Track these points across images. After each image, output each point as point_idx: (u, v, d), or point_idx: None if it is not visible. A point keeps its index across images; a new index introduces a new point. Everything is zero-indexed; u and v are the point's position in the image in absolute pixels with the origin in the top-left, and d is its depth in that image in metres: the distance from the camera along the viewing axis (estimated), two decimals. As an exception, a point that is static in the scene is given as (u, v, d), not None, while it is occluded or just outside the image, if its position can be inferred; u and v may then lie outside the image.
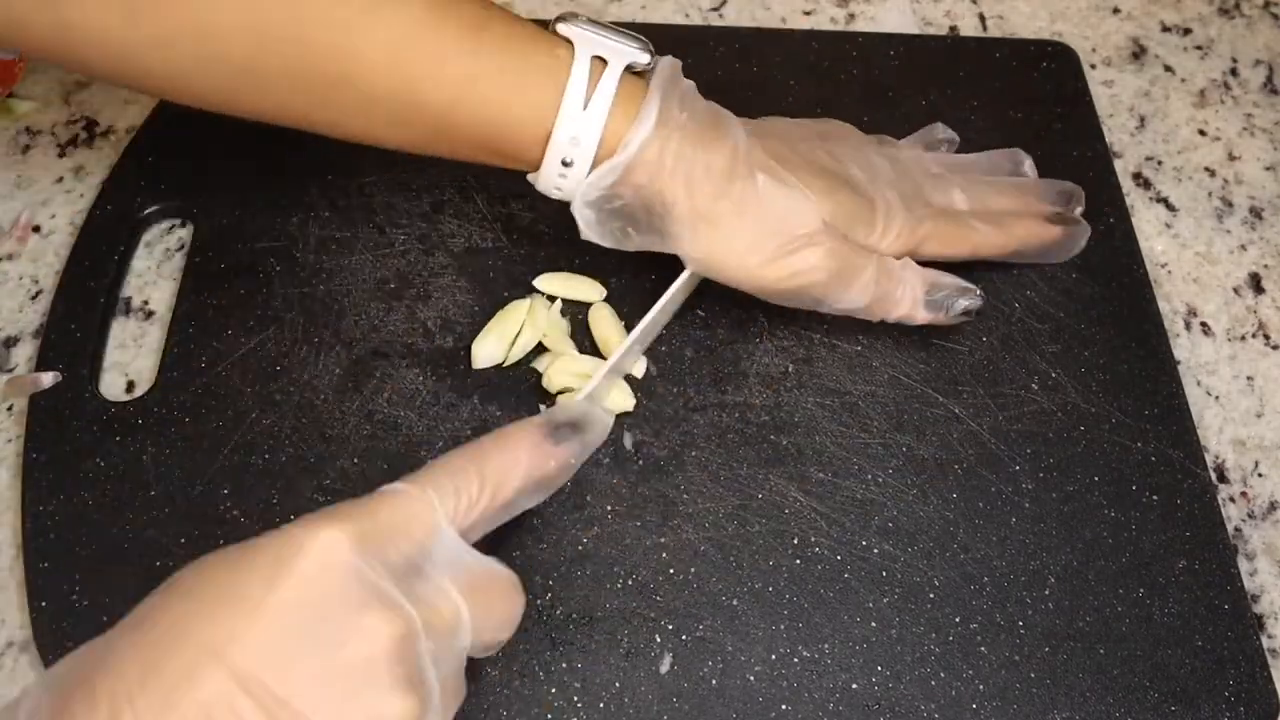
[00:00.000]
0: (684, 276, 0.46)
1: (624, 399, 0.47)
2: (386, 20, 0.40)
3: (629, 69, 0.43)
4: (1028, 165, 0.54)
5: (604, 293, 0.50)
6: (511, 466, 0.37)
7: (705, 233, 0.43)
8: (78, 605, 0.41)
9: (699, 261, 0.45)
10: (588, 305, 0.50)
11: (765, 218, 0.44)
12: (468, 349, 0.48)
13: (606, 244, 0.45)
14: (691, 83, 0.45)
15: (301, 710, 0.28)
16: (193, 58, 0.40)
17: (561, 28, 0.43)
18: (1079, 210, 0.52)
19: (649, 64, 0.43)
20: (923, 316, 0.47)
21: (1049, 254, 0.52)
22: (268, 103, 0.42)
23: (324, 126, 0.43)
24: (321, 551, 0.30)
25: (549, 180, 0.43)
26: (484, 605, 0.34)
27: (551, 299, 0.49)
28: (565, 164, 0.43)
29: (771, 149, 0.45)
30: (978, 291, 0.47)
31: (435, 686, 0.31)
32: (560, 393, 0.47)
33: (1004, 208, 0.51)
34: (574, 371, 0.47)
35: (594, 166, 0.42)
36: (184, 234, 0.52)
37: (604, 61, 0.43)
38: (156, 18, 0.38)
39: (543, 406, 0.47)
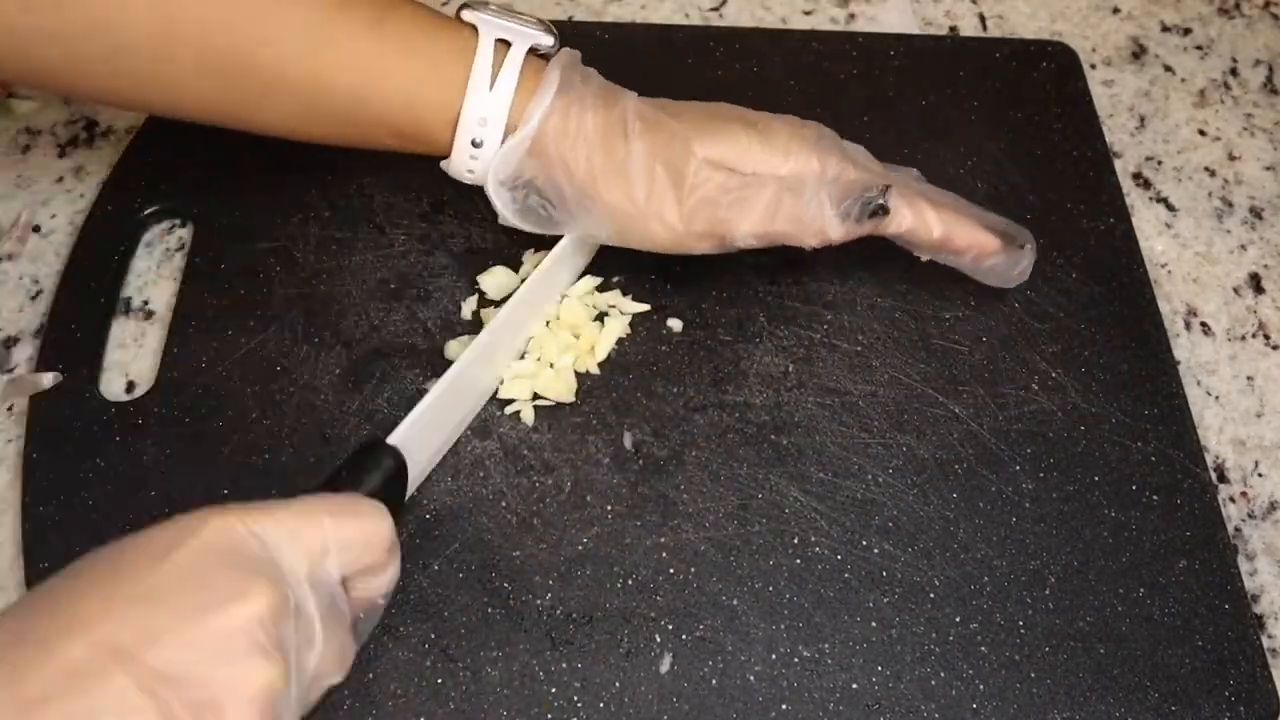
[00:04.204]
0: (561, 246, 0.47)
1: (566, 391, 0.47)
2: (295, 5, 0.41)
3: (533, 51, 0.44)
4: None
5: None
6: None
7: (603, 191, 0.44)
8: (78, 605, 0.41)
9: (612, 232, 0.45)
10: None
11: (647, 165, 0.43)
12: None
13: (528, 227, 0.46)
14: (594, 70, 0.45)
15: (170, 675, 0.28)
16: (99, 50, 0.39)
17: (466, 14, 0.44)
18: (1027, 248, 0.48)
19: (552, 46, 0.44)
20: (838, 232, 0.45)
21: (983, 266, 0.48)
22: (176, 95, 0.42)
23: (234, 118, 0.44)
24: (214, 531, 0.31)
25: (460, 163, 0.44)
26: (347, 528, 0.35)
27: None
28: (475, 144, 0.44)
29: (661, 103, 0.45)
30: (888, 186, 0.45)
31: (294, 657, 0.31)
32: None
33: (932, 197, 0.47)
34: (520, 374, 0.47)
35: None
36: (184, 234, 0.52)
37: (508, 45, 0.43)
38: (57, 10, 0.38)
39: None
